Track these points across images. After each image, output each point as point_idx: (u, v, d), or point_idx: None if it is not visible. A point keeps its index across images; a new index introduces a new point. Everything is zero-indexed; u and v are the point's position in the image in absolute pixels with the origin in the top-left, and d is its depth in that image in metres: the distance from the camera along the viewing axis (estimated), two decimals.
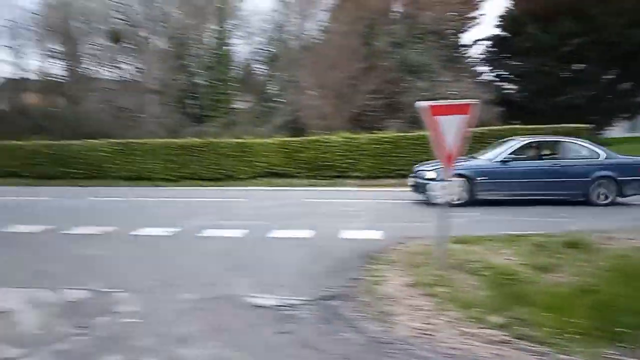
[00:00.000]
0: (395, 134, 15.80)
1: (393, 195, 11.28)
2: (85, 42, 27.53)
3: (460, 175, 9.65)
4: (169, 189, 14.20)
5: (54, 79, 29.68)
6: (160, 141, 17.30)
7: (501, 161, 10.25)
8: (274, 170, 16.17)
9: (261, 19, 27.20)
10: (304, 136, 17.27)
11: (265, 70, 28.39)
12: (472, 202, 9.75)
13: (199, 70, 26.25)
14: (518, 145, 10.55)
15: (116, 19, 25.92)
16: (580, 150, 10.40)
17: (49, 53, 29.65)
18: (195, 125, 22.25)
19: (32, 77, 31.43)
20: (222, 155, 16.35)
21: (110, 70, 27.55)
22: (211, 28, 26.09)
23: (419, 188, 10.29)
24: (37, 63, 31.39)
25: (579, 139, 10.94)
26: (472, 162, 10.60)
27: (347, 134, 16.03)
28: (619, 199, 9.91)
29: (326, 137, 16.15)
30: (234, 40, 26.81)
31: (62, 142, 17.66)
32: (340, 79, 20.44)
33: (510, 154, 10.35)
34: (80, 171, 16.69)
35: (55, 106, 27.10)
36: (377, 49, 21.25)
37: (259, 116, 23.98)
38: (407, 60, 20.45)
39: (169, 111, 24.31)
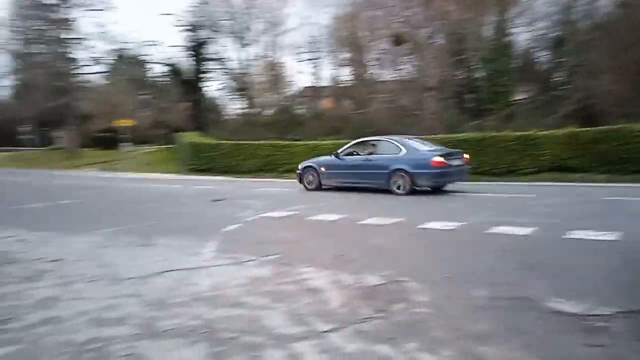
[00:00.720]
0: None
1: None
2: (369, 48, 29.84)
3: (309, 167, 13.23)
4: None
5: (343, 84, 33.01)
6: (439, 137, 17.51)
7: (335, 156, 12.86)
8: (561, 165, 14.77)
9: (545, 2, 25.12)
10: (597, 126, 15.29)
11: (549, 57, 26.14)
12: (319, 188, 12.95)
13: (478, 64, 25.69)
14: (352, 143, 13.08)
15: (398, 23, 27.27)
16: (389, 146, 11.99)
17: (339, 62, 33.09)
18: (474, 119, 21.85)
19: (326, 84, 35.60)
20: (503, 149, 15.68)
21: (391, 72, 29.24)
22: (490, 19, 25.25)
23: (301, 176, 13.47)
24: (330, 71, 35.46)
25: (395, 137, 12.50)
26: (322, 157, 13.66)
27: None
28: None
29: (628, 126, 13.96)
30: (514, 29, 25.44)
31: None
32: None
33: (343, 150, 12.92)
34: None
35: (345, 109, 30.04)
36: None
37: (543, 106, 22.19)
38: None
39: (447, 107, 24.46)
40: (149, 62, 39.82)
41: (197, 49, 37.19)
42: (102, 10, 33.99)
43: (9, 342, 3.13)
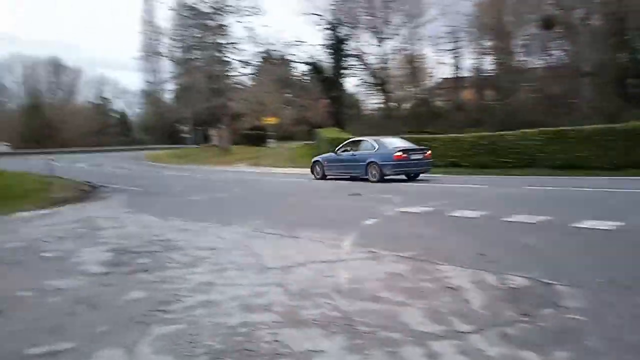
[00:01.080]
0: None
1: None
2: (516, 34, 28.07)
3: (317, 161, 17.04)
4: (606, 179, 12.94)
5: (485, 74, 31.50)
6: (596, 127, 15.96)
7: (334, 152, 16.56)
8: None
9: None
10: None
11: None
12: (324, 178, 16.49)
13: None
14: (345, 142, 16.77)
15: (548, 6, 25.33)
16: (367, 144, 15.55)
17: (481, 50, 31.64)
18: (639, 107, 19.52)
19: (466, 74, 34.26)
20: None
21: (541, 58, 27.22)
22: None
23: (312, 168, 17.24)
24: (471, 61, 33.98)
25: (371, 137, 16.14)
26: (326, 154, 17.32)
27: None
28: (397, 178, 14.87)
29: None
30: None
31: (495, 133, 18.54)
32: None
33: (339, 147, 16.44)
34: (513, 160, 17.12)
35: (488, 100, 28.67)
36: None
37: None
38: None
39: (605, 94, 22.14)
40: (292, 62, 41.68)
41: (336, 46, 38.04)
42: (252, 15, 36.18)
43: (171, 322, 3.50)
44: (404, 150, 14.62)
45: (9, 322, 3.62)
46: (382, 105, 39.04)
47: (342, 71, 39.30)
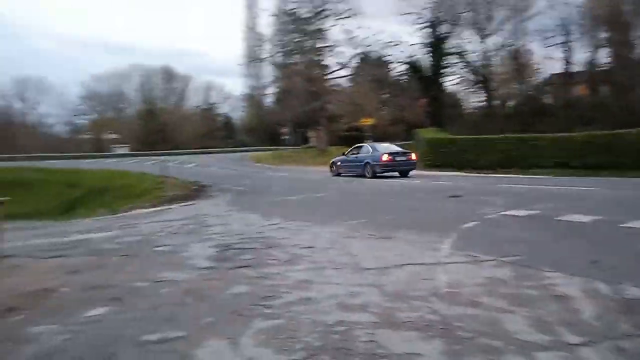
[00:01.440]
0: None
1: None
2: (635, 24, 25.77)
3: (334, 162, 21.54)
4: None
5: (600, 68, 29.22)
6: None
7: (343, 155, 20.82)
8: None
9: None
10: None
11: None
12: (339, 175, 20.60)
13: None
14: (353, 147, 20.80)
15: None
16: (366, 149, 19.67)
17: (595, 43, 29.39)
18: None
19: (578, 69, 31.97)
20: None
21: None
22: None
23: (330, 167, 21.76)
24: (583, 55, 31.63)
25: (369, 143, 21.72)
26: (340, 156, 21.25)
27: None
28: (382, 175, 18.36)
29: None
30: None
31: (612, 131, 17.18)
32: None
33: (349, 151, 20.61)
34: (631, 161, 15.75)
35: (602, 96, 26.61)
36: None
37: None
38: None
39: None
40: (390, 62, 41.40)
41: (436, 44, 37.24)
42: (350, 17, 36.43)
43: (272, 317, 3.64)
44: (391, 154, 18.56)
45: (127, 310, 3.95)
46: (484, 104, 37.62)
47: (442, 70, 38.39)
